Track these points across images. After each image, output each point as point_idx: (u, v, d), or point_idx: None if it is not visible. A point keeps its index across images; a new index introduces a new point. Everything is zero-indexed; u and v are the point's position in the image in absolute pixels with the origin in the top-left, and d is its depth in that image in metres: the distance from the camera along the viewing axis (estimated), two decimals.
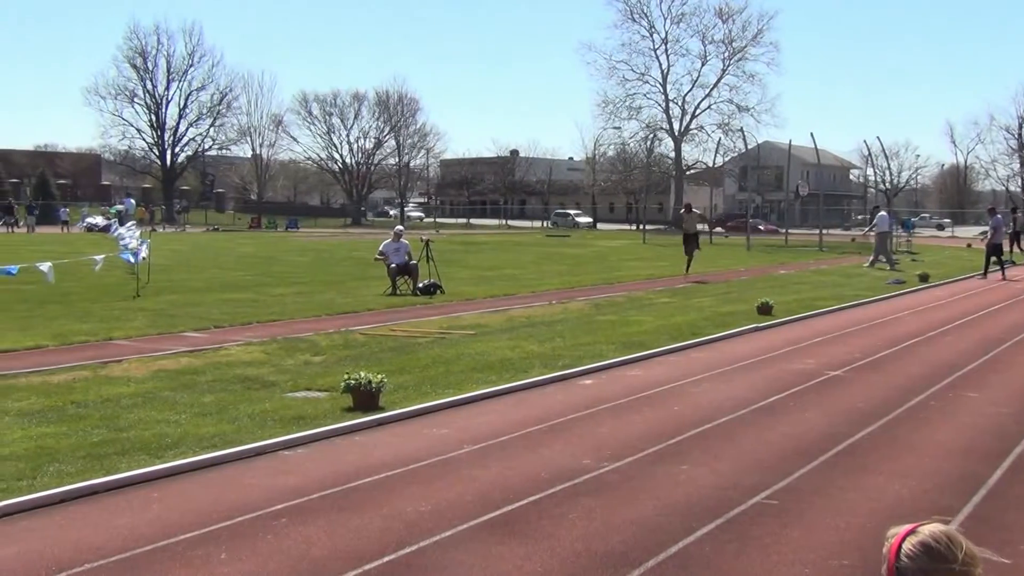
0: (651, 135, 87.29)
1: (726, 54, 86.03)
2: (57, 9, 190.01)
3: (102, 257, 20.75)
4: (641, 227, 67.29)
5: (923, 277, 26.94)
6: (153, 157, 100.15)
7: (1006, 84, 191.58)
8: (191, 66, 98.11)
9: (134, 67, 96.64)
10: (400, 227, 24.79)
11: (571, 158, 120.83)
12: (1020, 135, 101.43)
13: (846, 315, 18.79)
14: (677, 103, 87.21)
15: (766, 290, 22.07)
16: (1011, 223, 38.88)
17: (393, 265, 21.93)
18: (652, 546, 5.85)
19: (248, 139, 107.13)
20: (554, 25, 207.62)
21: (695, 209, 29.90)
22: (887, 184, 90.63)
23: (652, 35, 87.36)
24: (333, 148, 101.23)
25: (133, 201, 73.62)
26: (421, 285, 21.71)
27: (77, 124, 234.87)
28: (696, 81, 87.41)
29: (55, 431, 8.51)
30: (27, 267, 17.81)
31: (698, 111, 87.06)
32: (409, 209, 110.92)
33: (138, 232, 22.63)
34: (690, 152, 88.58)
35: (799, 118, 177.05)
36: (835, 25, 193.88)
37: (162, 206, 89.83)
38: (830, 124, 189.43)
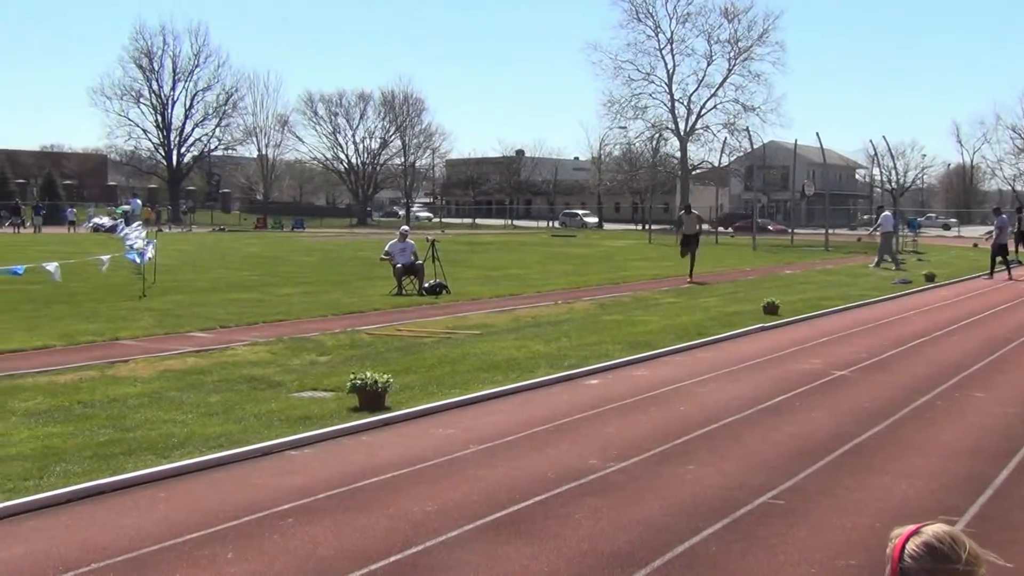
0: (657, 135, 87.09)
1: (732, 54, 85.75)
2: (62, 10, 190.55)
3: (108, 257, 20.77)
4: (647, 227, 67.23)
5: (929, 277, 26.91)
6: (159, 157, 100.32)
7: (1012, 83, 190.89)
8: (197, 66, 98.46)
9: (140, 67, 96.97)
10: (406, 227, 24.81)
11: (577, 158, 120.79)
12: None
13: (852, 315, 18.77)
14: (683, 103, 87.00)
15: (772, 290, 22.05)
16: (1016, 223, 38.78)
17: (399, 265, 21.94)
18: (658, 546, 5.85)
19: (254, 139, 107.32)
20: (559, 25, 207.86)
21: (694, 210, 29.59)
22: (893, 184, 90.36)
23: (658, 35, 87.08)
24: (339, 148, 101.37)
25: (139, 201, 73.93)
26: (427, 285, 21.72)
27: (83, 124, 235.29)
28: (702, 81, 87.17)
29: (62, 431, 8.53)
30: (33, 267, 17.84)
31: (704, 111, 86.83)
32: (418, 209, 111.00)
33: (144, 232, 22.66)
34: (696, 152, 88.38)
35: (805, 118, 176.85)
36: (841, 25, 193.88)
37: (168, 206, 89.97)
38: (836, 124, 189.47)
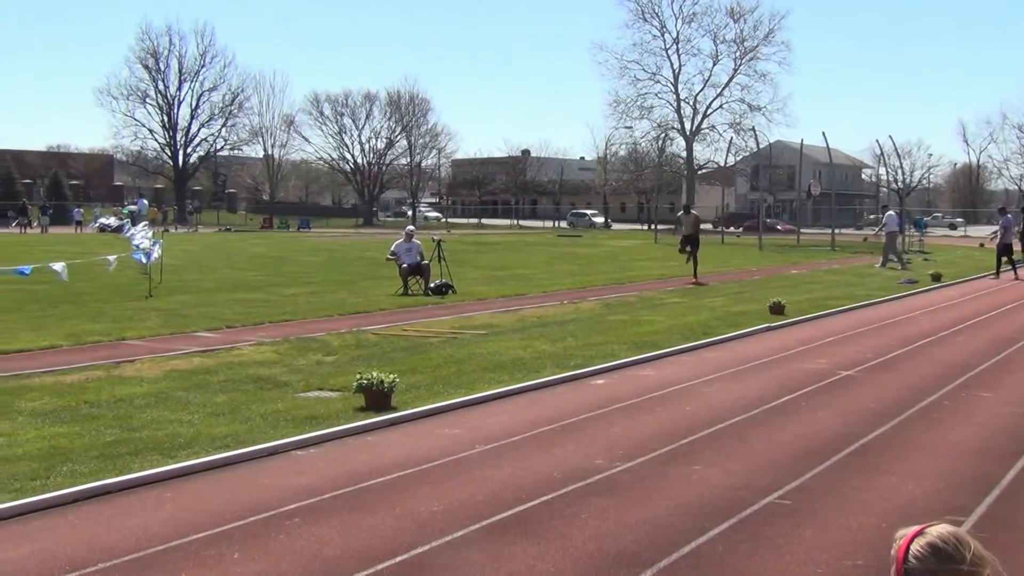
0: (663, 135, 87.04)
1: (738, 54, 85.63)
2: (68, 11, 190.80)
3: (115, 257, 20.81)
4: (652, 227, 67.19)
5: (935, 277, 26.87)
6: (165, 157, 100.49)
7: (1019, 83, 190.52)
8: (203, 67, 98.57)
9: (146, 68, 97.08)
10: (411, 227, 24.80)
11: (582, 158, 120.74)
12: None
13: (858, 315, 18.75)
14: (688, 103, 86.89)
15: (778, 290, 22.03)
16: (1021, 222, 38.70)
17: (405, 265, 21.95)
18: (665, 546, 5.85)
19: (260, 139, 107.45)
20: (565, 25, 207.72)
21: (693, 210, 29.31)
22: (899, 183, 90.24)
23: (663, 35, 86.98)
24: (345, 148, 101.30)
25: (146, 201, 73.93)
26: (433, 285, 21.72)
27: (89, 125, 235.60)
28: (708, 81, 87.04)
29: (68, 431, 8.54)
30: (40, 267, 17.87)
31: (710, 111, 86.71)
32: (427, 210, 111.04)
33: (150, 232, 22.69)
34: (702, 152, 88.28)
35: (811, 117, 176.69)
36: (847, 24, 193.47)
37: (174, 206, 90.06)
38: (842, 124, 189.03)
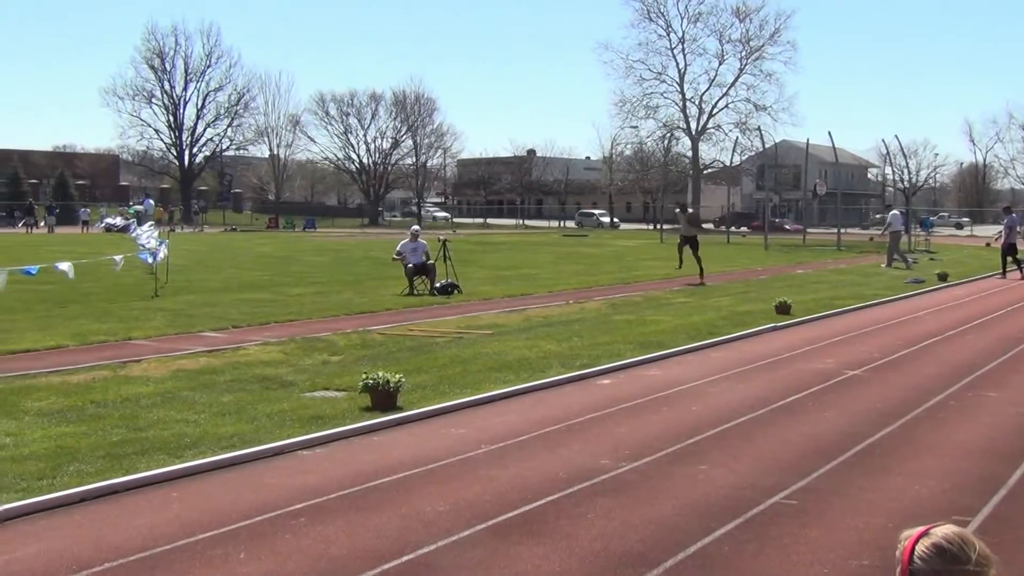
0: (668, 134, 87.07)
1: (743, 53, 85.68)
2: (74, 11, 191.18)
3: (121, 257, 20.83)
4: (658, 226, 67.17)
5: (942, 276, 26.83)
6: (171, 157, 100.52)
7: None
8: (209, 67, 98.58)
9: (152, 68, 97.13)
10: (416, 227, 24.81)
11: (588, 157, 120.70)
12: None
13: (864, 314, 18.73)
14: (694, 102, 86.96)
15: (784, 289, 22.01)
16: None
17: (410, 265, 21.95)
18: (671, 546, 5.85)
19: (265, 139, 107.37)
20: (570, 25, 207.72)
21: (690, 209, 29.04)
22: (905, 183, 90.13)
23: (669, 34, 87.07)
24: (350, 148, 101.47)
25: (152, 201, 74.08)
26: (438, 285, 21.73)
27: (95, 125, 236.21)
28: (713, 80, 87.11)
29: (75, 431, 8.56)
30: (46, 267, 17.90)
31: (715, 110, 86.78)
32: (435, 210, 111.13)
33: (156, 232, 22.72)
34: (707, 151, 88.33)
35: (817, 117, 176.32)
36: (852, 24, 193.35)
37: (180, 206, 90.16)
38: (848, 123, 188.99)
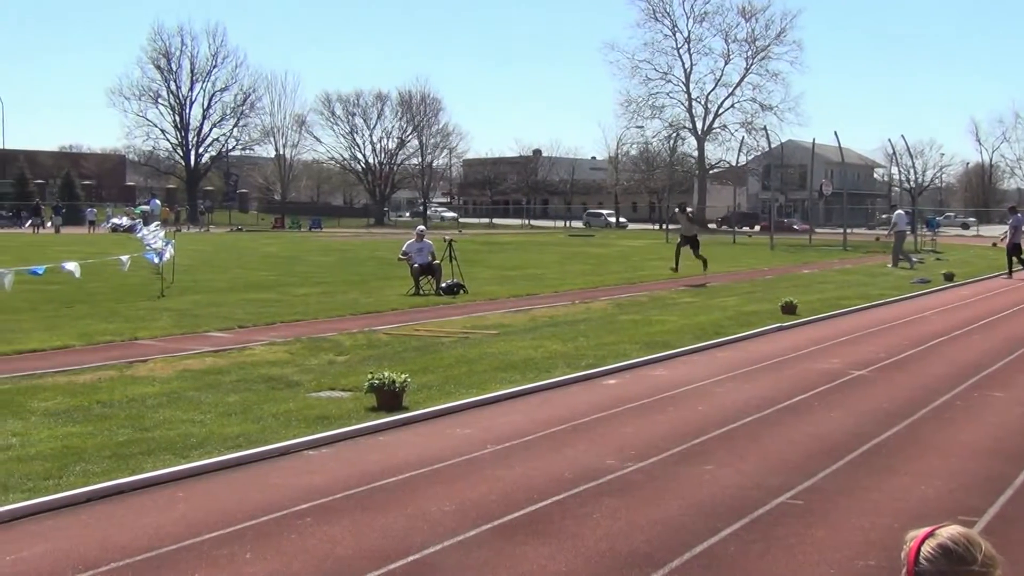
0: (674, 134, 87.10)
1: (749, 53, 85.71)
2: (80, 11, 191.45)
3: (128, 257, 20.87)
4: (664, 226, 67.13)
5: (948, 276, 26.78)
6: (177, 158, 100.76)
7: None
8: (215, 67, 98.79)
9: (158, 68, 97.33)
10: (422, 227, 24.81)
11: (594, 157, 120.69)
12: None
13: (871, 314, 18.71)
14: (700, 102, 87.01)
15: (790, 289, 22.00)
16: None
17: (416, 265, 21.96)
18: (677, 546, 5.84)
19: (271, 139, 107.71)
20: (576, 25, 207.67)
21: (689, 209, 28.99)
22: (911, 183, 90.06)
23: (675, 34, 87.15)
24: (356, 148, 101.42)
25: (158, 202, 74.16)
26: (444, 285, 21.74)
27: (102, 125, 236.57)
28: (719, 80, 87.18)
29: (81, 431, 8.57)
30: (53, 267, 17.94)
31: (721, 110, 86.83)
32: (443, 210, 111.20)
33: (163, 232, 22.75)
34: (713, 151, 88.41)
35: (823, 116, 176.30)
36: (859, 24, 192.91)
37: (186, 206, 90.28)
38: (854, 123, 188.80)
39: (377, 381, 9.54)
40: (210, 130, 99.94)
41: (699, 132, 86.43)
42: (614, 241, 57.55)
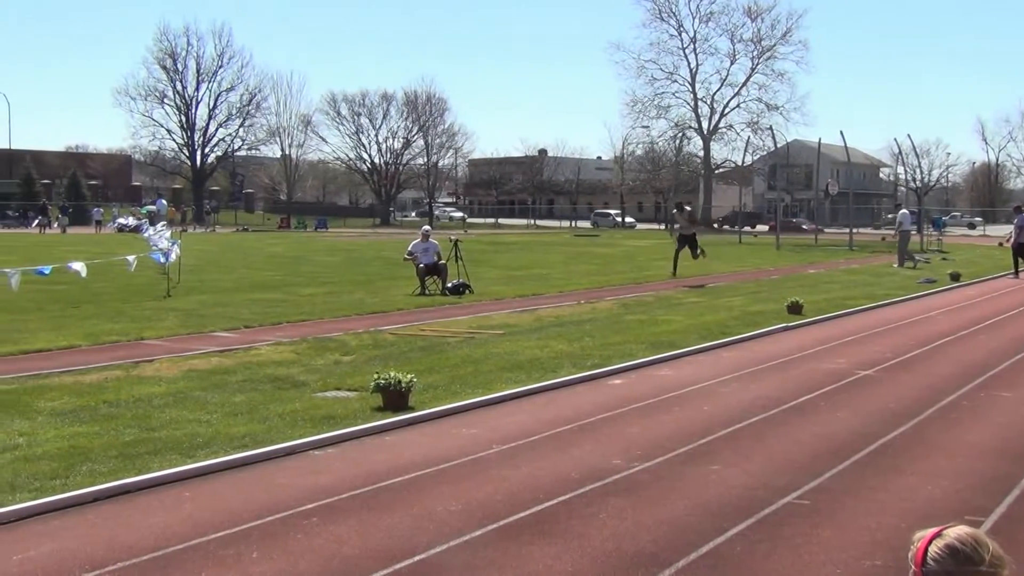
0: (680, 134, 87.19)
1: (755, 53, 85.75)
2: (86, 11, 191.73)
3: (134, 257, 20.89)
4: (670, 226, 67.08)
5: (954, 276, 26.74)
6: (183, 158, 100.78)
7: None
8: (221, 67, 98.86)
9: (164, 68, 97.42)
10: (427, 227, 24.81)
11: (600, 157, 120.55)
12: None
13: (877, 314, 18.68)
14: (706, 102, 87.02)
15: (796, 289, 21.97)
16: None
17: (422, 265, 21.97)
18: (683, 546, 5.84)
19: (277, 139, 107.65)
20: (582, 25, 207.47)
21: (687, 207, 28.96)
22: (917, 182, 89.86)
23: (681, 34, 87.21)
24: (362, 148, 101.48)
25: (165, 202, 74.29)
26: (450, 285, 21.74)
27: (108, 125, 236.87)
28: (725, 80, 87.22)
29: (87, 430, 8.58)
30: (59, 267, 17.96)
31: (727, 110, 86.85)
32: (451, 210, 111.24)
33: (169, 232, 22.77)
34: (719, 151, 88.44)
35: (829, 116, 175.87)
36: (864, 23, 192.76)
37: (192, 206, 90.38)
38: (860, 122, 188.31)
39: (383, 381, 9.55)
40: (216, 130, 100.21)
41: (705, 132, 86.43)
42: (619, 241, 57.53)
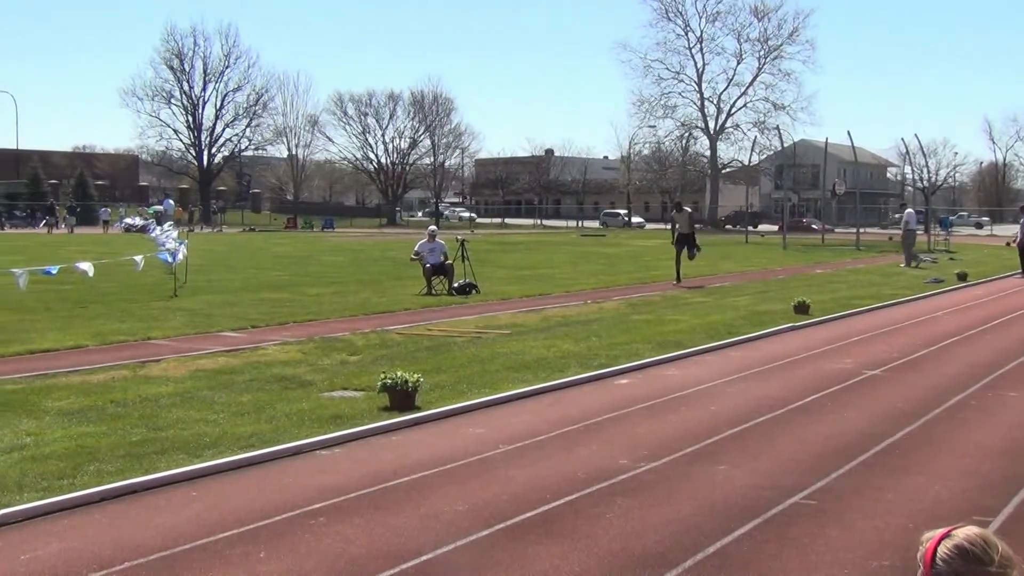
0: (686, 134, 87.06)
1: (761, 52, 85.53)
2: (94, 11, 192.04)
3: (141, 257, 20.93)
4: (672, 226, 67.01)
5: (961, 276, 26.68)
6: (190, 158, 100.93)
7: None
8: (227, 67, 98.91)
9: (171, 68, 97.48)
10: (434, 227, 24.82)
11: (606, 157, 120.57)
12: None
13: (884, 314, 18.65)
14: (712, 101, 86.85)
15: (803, 289, 21.94)
16: None
17: (429, 265, 21.97)
18: (690, 546, 5.83)
19: (284, 139, 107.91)
20: (589, 24, 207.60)
21: (686, 207, 28.95)
22: (925, 182, 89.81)
23: (687, 34, 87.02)
24: (368, 148, 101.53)
25: (172, 202, 74.34)
26: (456, 285, 21.74)
27: (115, 125, 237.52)
28: (731, 79, 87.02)
29: (95, 430, 8.60)
30: (67, 267, 17.99)
31: (734, 109, 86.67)
32: (460, 210, 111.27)
33: (176, 232, 22.80)
34: (726, 151, 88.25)
35: (836, 116, 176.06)
36: (871, 23, 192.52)
37: (199, 206, 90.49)
38: (867, 122, 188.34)
39: (390, 381, 9.55)
40: (223, 130, 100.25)
41: (711, 132, 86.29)
42: (626, 241, 57.48)
